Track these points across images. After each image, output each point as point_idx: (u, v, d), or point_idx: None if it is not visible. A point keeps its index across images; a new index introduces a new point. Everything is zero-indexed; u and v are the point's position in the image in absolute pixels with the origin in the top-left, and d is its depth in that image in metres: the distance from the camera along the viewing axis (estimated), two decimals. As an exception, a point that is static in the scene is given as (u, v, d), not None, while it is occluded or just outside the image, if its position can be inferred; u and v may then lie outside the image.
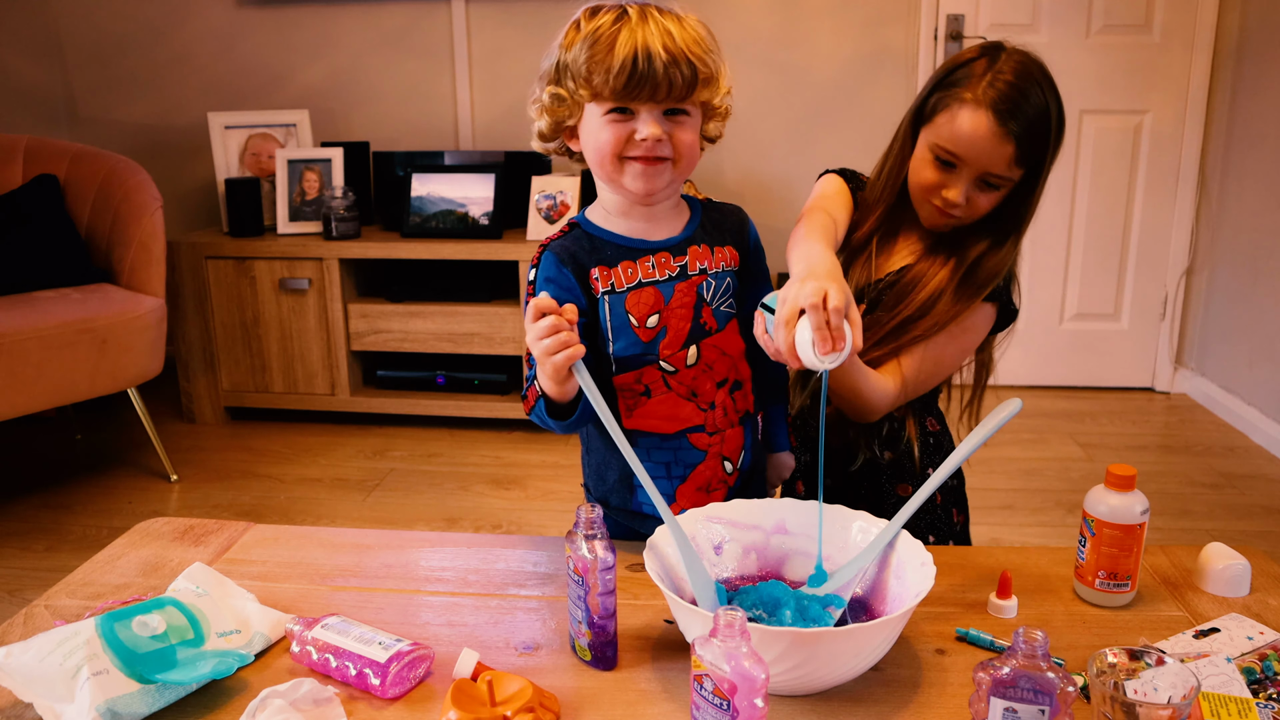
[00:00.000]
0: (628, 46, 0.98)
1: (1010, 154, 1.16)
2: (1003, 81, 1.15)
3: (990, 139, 1.15)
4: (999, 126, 1.15)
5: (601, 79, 1.00)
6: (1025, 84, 1.16)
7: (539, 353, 0.96)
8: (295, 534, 1.20)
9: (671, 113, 1.03)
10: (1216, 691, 0.83)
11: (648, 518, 1.14)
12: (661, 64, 0.98)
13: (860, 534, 0.99)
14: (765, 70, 3.27)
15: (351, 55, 3.43)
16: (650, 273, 1.09)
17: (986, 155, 1.16)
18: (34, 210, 2.69)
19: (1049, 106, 1.17)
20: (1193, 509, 2.51)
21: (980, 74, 1.17)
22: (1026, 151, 1.16)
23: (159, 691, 0.84)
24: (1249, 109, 3.04)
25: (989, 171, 1.18)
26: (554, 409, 1.04)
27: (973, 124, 1.16)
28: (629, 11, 1.01)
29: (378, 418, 3.18)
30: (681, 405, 1.10)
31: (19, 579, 2.20)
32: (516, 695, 0.82)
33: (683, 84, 1.00)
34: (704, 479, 1.13)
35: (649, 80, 0.99)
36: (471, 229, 3.01)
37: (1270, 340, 2.91)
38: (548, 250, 1.10)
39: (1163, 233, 3.31)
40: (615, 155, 1.03)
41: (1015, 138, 1.15)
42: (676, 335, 1.09)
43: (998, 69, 1.17)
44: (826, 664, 0.82)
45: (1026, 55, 1.19)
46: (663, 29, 1.00)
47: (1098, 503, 1.00)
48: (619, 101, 1.01)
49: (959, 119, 1.17)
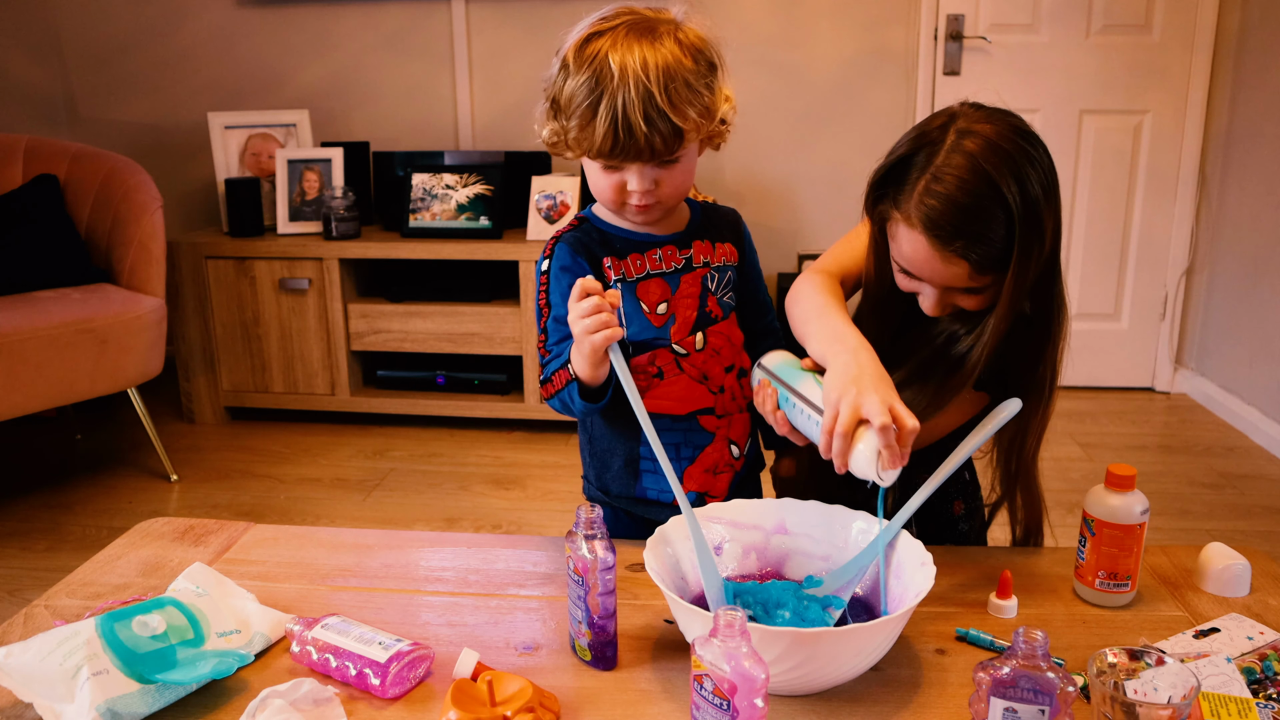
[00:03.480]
0: (608, 118, 0.99)
1: (965, 271, 1.01)
2: (936, 190, 0.98)
3: (935, 261, 1.01)
4: (941, 250, 0.99)
5: (588, 146, 1.03)
6: (966, 186, 0.97)
7: (579, 331, 0.98)
8: (295, 534, 1.20)
9: (661, 162, 1.05)
10: (1216, 691, 0.83)
11: (651, 503, 1.16)
12: (641, 135, 1.00)
13: (860, 534, 0.99)
14: (765, 70, 3.27)
15: (351, 55, 3.43)
16: (658, 264, 1.14)
17: (940, 276, 1.03)
18: (34, 210, 2.69)
19: (1005, 202, 0.97)
20: (1193, 509, 2.51)
21: (916, 177, 1.00)
22: (984, 262, 0.99)
23: (159, 691, 0.84)
24: (1249, 109, 3.04)
25: (954, 288, 1.04)
26: (585, 391, 1.06)
27: (912, 247, 1.02)
28: (611, 59, 0.99)
29: (378, 418, 3.18)
30: (694, 387, 1.14)
31: (19, 579, 2.20)
32: (516, 695, 0.82)
33: (664, 145, 1.02)
34: (711, 461, 1.16)
35: (630, 149, 1.02)
36: (471, 229, 3.01)
37: (1270, 340, 2.91)
38: (561, 241, 1.14)
39: (1163, 233, 3.31)
40: (614, 201, 1.09)
41: (962, 255, 0.99)
42: (685, 322, 1.14)
43: (936, 169, 0.99)
44: (826, 664, 0.82)
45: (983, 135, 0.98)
46: (642, 81, 0.98)
47: (1097, 503, 1.00)
48: (608, 163, 1.05)
49: (899, 239, 1.04)
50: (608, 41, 1.01)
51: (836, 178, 3.31)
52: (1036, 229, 0.99)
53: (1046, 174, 1.00)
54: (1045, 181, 1.00)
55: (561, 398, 1.09)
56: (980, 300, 1.06)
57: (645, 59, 0.99)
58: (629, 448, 1.16)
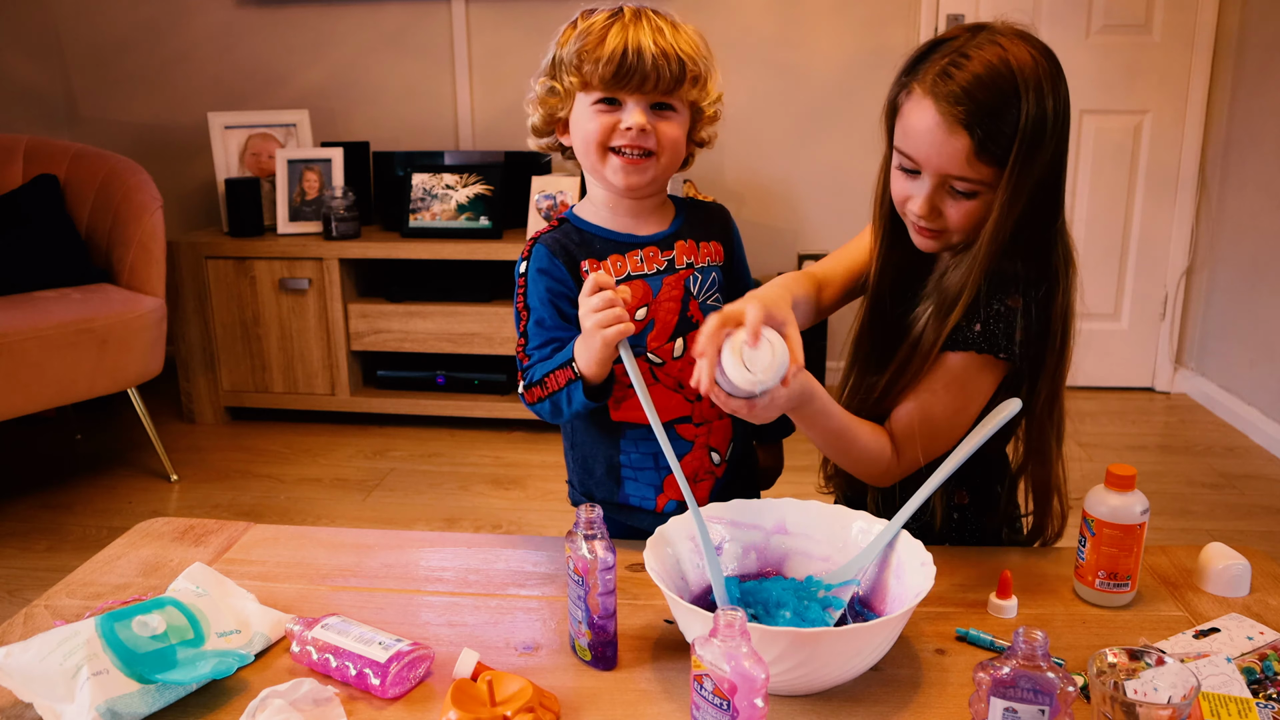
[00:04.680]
0: (618, 39, 1.02)
1: (965, 147, 0.97)
2: (960, 63, 0.97)
3: (937, 130, 0.98)
4: (945, 115, 0.97)
5: (591, 67, 1.03)
6: (989, 63, 0.97)
7: (590, 325, 0.97)
8: (295, 534, 1.20)
9: (659, 107, 1.05)
10: (1216, 691, 0.83)
11: (634, 510, 1.16)
12: (650, 56, 1.01)
13: (860, 534, 0.99)
14: (765, 70, 3.27)
15: (351, 55, 3.43)
16: (639, 266, 1.11)
17: (938, 152, 0.99)
18: (34, 210, 2.69)
19: (1018, 87, 0.96)
20: (1193, 509, 2.51)
21: (939, 58, 1.00)
22: (986, 143, 0.97)
23: (159, 691, 0.84)
24: (1249, 109, 3.04)
25: (948, 173, 1.00)
26: (587, 390, 1.04)
27: (919, 116, 1.00)
28: (624, 11, 1.05)
29: (378, 418, 3.18)
30: (669, 396, 1.12)
31: (19, 579, 2.20)
32: (516, 695, 0.82)
33: (670, 78, 1.03)
34: (690, 470, 1.14)
35: (637, 71, 1.02)
36: (471, 229, 3.01)
37: (1270, 340, 2.91)
38: (538, 243, 1.12)
39: (1163, 233, 3.31)
40: (601, 145, 1.06)
41: (966, 127, 0.96)
42: (664, 328, 1.11)
43: (961, 50, 0.99)
44: (826, 664, 0.82)
45: (1010, 36, 1.00)
46: (655, 27, 1.03)
47: (1098, 503, 1.00)
48: (607, 91, 1.04)
49: (907, 113, 1.02)
50: (611, 11, 1.05)
51: (836, 178, 3.31)
52: (1040, 141, 0.98)
53: (1064, 104, 1.00)
54: (1061, 109, 1.00)
55: (555, 399, 1.06)
56: (969, 211, 1.02)
57: (657, 14, 1.05)
58: (610, 454, 1.15)
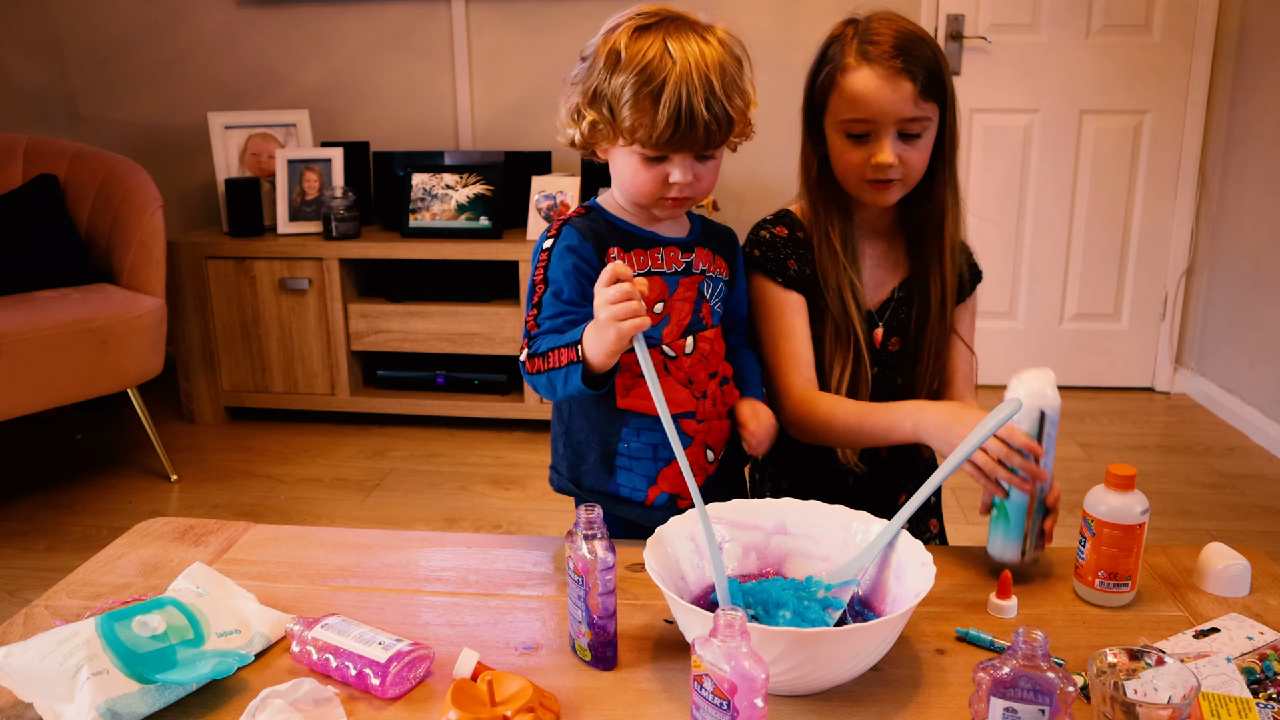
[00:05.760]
0: (671, 104, 1.00)
1: (911, 90, 1.15)
2: (872, 35, 1.17)
3: (886, 85, 1.15)
4: (887, 68, 1.15)
5: (645, 133, 1.03)
6: (894, 27, 1.17)
7: (606, 317, 0.96)
8: (295, 534, 1.20)
9: (702, 156, 1.07)
10: (1216, 691, 0.83)
11: (623, 501, 1.16)
12: (702, 123, 1.01)
13: (860, 534, 0.99)
14: (765, 70, 3.23)
15: (351, 55, 3.43)
16: (659, 263, 1.13)
17: (891, 103, 1.15)
18: (34, 210, 2.69)
19: (920, 37, 1.18)
20: (1193, 509, 2.51)
21: (849, 41, 1.18)
22: (925, 82, 1.15)
23: (159, 691, 0.84)
24: (1249, 109, 3.04)
25: (903, 118, 1.16)
26: (586, 377, 1.02)
27: (863, 81, 1.16)
28: (670, 48, 1.01)
29: (378, 418, 3.18)
30: (678, 390, 1.13)
31: (19, 579, 2.20)
32: (516, 695, 0.82)
33: (719, 136, 1.04)
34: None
35: (689, 138, 1.02)
36: (471, 229, 3.01)
37: (1270, 340, 2.91)
38: (569, 224, 1.12)
39: (1163, 233, 3.31)
40: (649, 195, 1.08)
41: (907, 73, 1.14)
42: (678, 324, 1.13)
43: (861, 29, 1.18)
44: (826, 664, 0.82)
45: (886, 11, 1.20)
46: (703, 71, 1.01)
47: (1098, 503, 1.00)
48: (657, 153, 1.05)
49: (849, 85, 1.17)
50: (661, 32, 1.03)
51: (836, 178, 3.29)
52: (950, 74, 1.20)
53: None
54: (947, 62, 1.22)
55: (552, 376, 1.05)
56: (924, 147, 1.19)
57: (702, 50, 1.02)
58: (608, 442, 1.15)
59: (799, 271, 1.26)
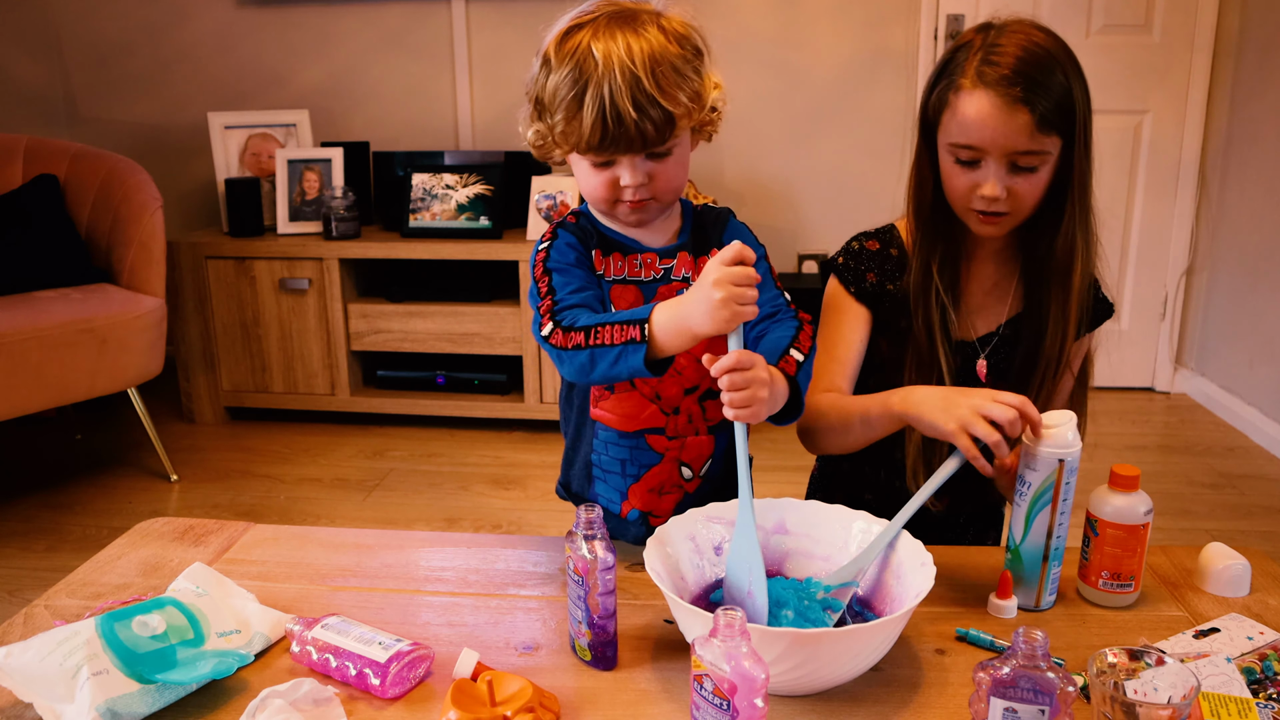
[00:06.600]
0: (595, 106, 0.96)
1: (1027, 122, 1.06)
2: (996, 52, 1.08)
3: (1000, 113, 1.07)
4: (1003, 96, 1.06)
5: (575, 140, 0.99)
6: (1023, 45, 1.08)
7: (726, 296, 0.87)
8: (295, 534, 1.20)
9: (654, 154, 1.01)
10: (1216, 691, 0.83)
11: (604, 510, 1.13)
12: (631, 122, 0.95)
13: (860, 534, 0.99)
14: (765, 70, 3.27)
15: (351, 55, 3.43)
16: (636, 271, 1.09)
17: (1003, 134, 1.07)
18: (34, 210, 2.69)
19: (1054, 59, 1.08)
20: (1193, 509, 2.51)
21: (974, 53, 1.10)
22: (1046, 113, 1.06)
23: (159, 691, 0.84)
24: (1249, 109, 3.04)
25: (1014, 150, 1.08)
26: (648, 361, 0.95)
27: (976, 106, 1.08)
28: (594, 48, 0.97)
29: (378, 418, 3.18)
30: (644, 405, 1.09)
31: (19, 579, 2.20)
32: (516, 695, 0.82)
33: (656, 133, 0.97)
34: (657, 481, 1.11)
35: (621, 139, 0.97)
36: (471, 229, 3.01)
37: (1270, 340, 2.91)
38: (561, 228, 1.09)
39: (1163, 233, 3.31)
40: (605, 200, 1.04)
41: (1025, 102, 1.06)
42: None
43: (988, 41, 1.10)
44: (826, 664, 0.82)
45: (1024, 23, 1.11)
46: (628, 67, 0.95)
47: (1102, 503, 1.00)
48: (598, 157, 1.01)
49: (961, 108, 1.09)
50: (589, 32, 0.98)
51: (836, 178, 3.30)
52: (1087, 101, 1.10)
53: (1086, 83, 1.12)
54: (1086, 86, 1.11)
55: (597, 354, 0.95)
56: (1038, 183, 1.11)
57: (629, 45, 0.96)
58: (586, 451, 1.13)
59: (876, 286, 1.22)
